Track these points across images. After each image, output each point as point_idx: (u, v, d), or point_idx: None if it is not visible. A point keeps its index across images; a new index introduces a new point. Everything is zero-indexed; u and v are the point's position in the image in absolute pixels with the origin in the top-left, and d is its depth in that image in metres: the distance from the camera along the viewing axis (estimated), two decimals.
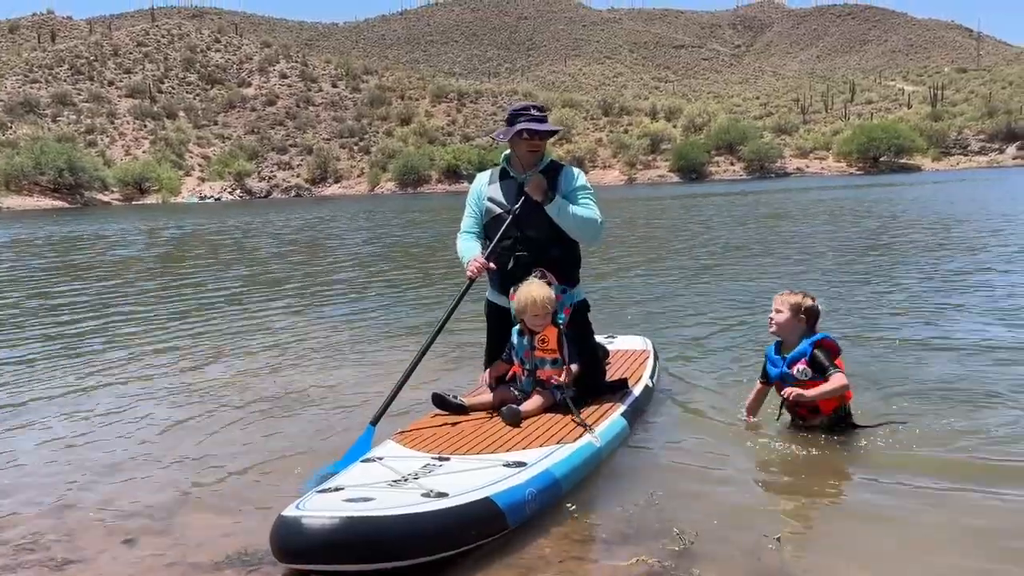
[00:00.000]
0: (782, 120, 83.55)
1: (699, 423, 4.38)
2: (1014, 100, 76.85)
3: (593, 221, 4.08)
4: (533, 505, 3.05)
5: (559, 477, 3.26)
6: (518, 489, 3.02)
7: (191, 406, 4.91)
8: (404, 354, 5.96)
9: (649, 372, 4.79)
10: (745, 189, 41.42)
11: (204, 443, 4.21)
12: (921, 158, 66.55)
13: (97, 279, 12.21)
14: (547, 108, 4.50)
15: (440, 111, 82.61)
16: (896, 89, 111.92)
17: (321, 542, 2.62)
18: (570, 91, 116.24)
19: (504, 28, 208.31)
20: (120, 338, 7.14)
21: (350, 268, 12.71)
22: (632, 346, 5.39)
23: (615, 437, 3.86)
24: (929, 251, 11.63)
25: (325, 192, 66.87)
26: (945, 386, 4.76)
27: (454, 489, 2.92)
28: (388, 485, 3.02)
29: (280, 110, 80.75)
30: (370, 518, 2.69)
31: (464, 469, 3.19)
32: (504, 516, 2.92)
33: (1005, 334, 6.03)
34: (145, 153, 67.92)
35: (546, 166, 4.20)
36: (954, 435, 3.93)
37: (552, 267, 4.03)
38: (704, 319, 7.15)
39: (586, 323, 4.28)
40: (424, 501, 2.82)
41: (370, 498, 2.84)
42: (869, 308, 7.29)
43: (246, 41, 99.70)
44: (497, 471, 3.14)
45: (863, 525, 3.07)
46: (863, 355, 5.44)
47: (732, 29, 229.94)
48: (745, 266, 10.88)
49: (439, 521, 2.74)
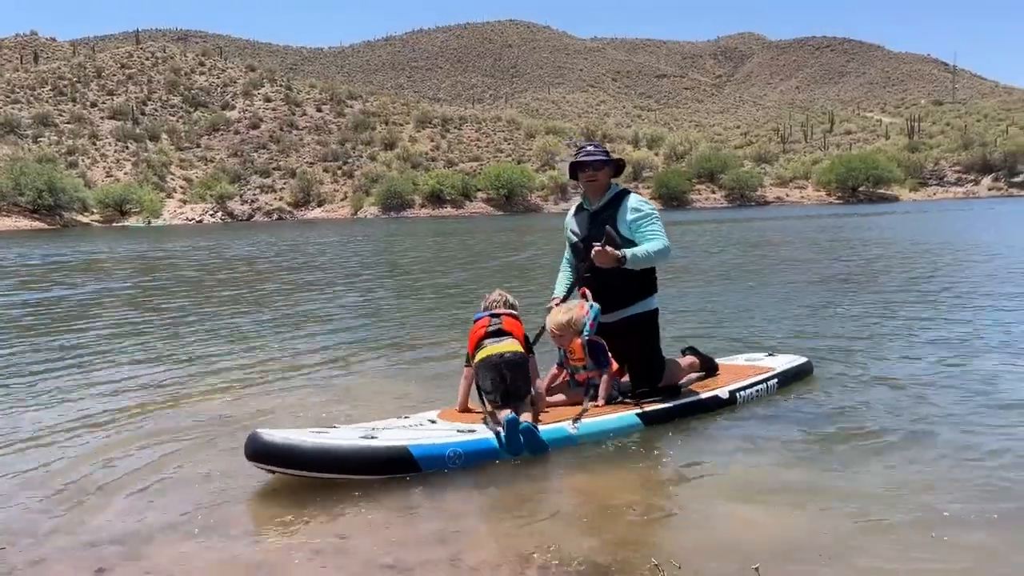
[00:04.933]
0: (762, 149, 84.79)
1: (726, 439, 4.45)
2: (989, 133, 78.47)
3: (661, 252, 4.57)
4: (456, 461, 3.91)
5: (496, 448, 4.05)
6: (441, 447, 3.93)
7: (159, 431, 4.81)
8: (367, 379, 5.94)
9: (739, 387, 5.03)
10: (735, 216, 41.82)
11: (174, 467, 4.15)
12: (899, 188, 67.60)
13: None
14: (602, 145, 4.97)
15: (424, 136, 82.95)
16: (874, 120, 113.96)
17: (266, 452, 3.70)
18: (554, 118, 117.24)
19: (489, 55, 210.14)
20: (86, 361, 7.04)
21: (332, 290, 12.67)
22: (763, 363, 5.58)
23: (607, 430, 4.39)
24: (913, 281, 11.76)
25: (308, 216, 66.76)
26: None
27: (387, 436, 3.91)
28: (364, 429, 4.01)
29: (264, 133, 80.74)
30: (297, 441, 3.73)
31: (430, 428, 4.16)
32: (417, 463, 3.83)
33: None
34: (127, 175, 67.60)
35: (612, 197, 4.74)
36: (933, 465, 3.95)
37: (611, 290, 4.65)
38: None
39: (645, 333, 4.77)
40: (354, 440, 3.82)
41: (327, 432, 3.92)
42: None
43: (231, 64, 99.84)
44: (445, 433, 4.07)
45: (849, 548, 3.07)
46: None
47: (713, 59, 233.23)
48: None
49: (353, 453, 3.76)
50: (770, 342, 7.01)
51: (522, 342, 4.45)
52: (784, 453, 4.18)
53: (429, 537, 3.26)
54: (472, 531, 3.37)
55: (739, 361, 5.77)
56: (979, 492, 3.56)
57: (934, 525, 3.23)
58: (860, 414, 4.81)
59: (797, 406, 5.05)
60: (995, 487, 3.61)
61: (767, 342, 7.01)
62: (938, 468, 3.88)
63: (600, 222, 4.65)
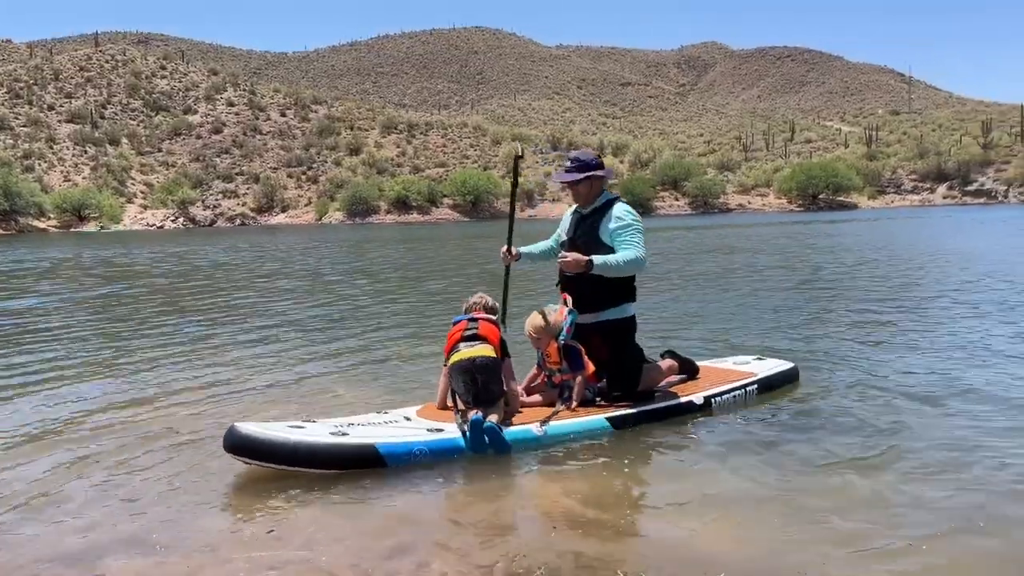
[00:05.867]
0: (725, 157, 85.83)
1: (693, 447, 4.46)
2: (943, 142, 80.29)
3: (632, 262, 4.66)
4: (421, 457, 4.06)
5: (463, 446, 4.18)
6: (408, 444, 4.08)
7: (105, 442, 4.70)
8: (346, 379, 5.89)
9: (715, 393, 5.05)
10: (701, 223, 42.24)
11: (125, 482, 4.06)
12: (858, 196, 68.85)
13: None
14: (592, 155, 5.03)
15: (390, 142, 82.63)
16: (833, 129, 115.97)
17: (241, 444, 3.90)
18: (520, 125, 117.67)
19: (454, 61, 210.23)
20: (44, 370, 6.89)
21: (291, 297, 12.54)
22: (749, 367, 5.58)
23: (575, 433, 4.47)
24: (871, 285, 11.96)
25: (272, 221, 66.09)
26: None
27: (357, 433, 4.08)
28: (338, 426, 4.17)
29: (227, 138, 79.81)
30: (272, 435, 3.92)
31: (402, 425, 4.30)
32: (383, 459, 3.99)
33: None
34: (85, 179, 66.34)
35: (602, 204, 4.90)
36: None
37: (583, 291, 4.77)
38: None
39: (619, 338, 4.85)
40: (325, 436, 3.99)
41: (302, 427, 4.09)
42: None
43: (193, 68, 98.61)
44: (414, 431, 4.22)
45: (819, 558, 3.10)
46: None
47: (677, 68, 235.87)
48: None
49: (323, 449, 3.92)
50: (762, 346, 7.05)
51: (497, 346, 4.56)
52: (754, 464, 4.14)
53: (393, 549, 3.23)
54: (436, 542, 3.34)
55: (727, 364, 5.77)
56: (950, 505, 3.54)
57: (904, 537, 3.23)
58: (836, 424, 4.78)
59: (774, 414, 5.03)
60: (967, 501, 3.59)
61: (758, 345, 7.05)
62: (911, 481, 3.83)
63: (586, 226, 4.87)
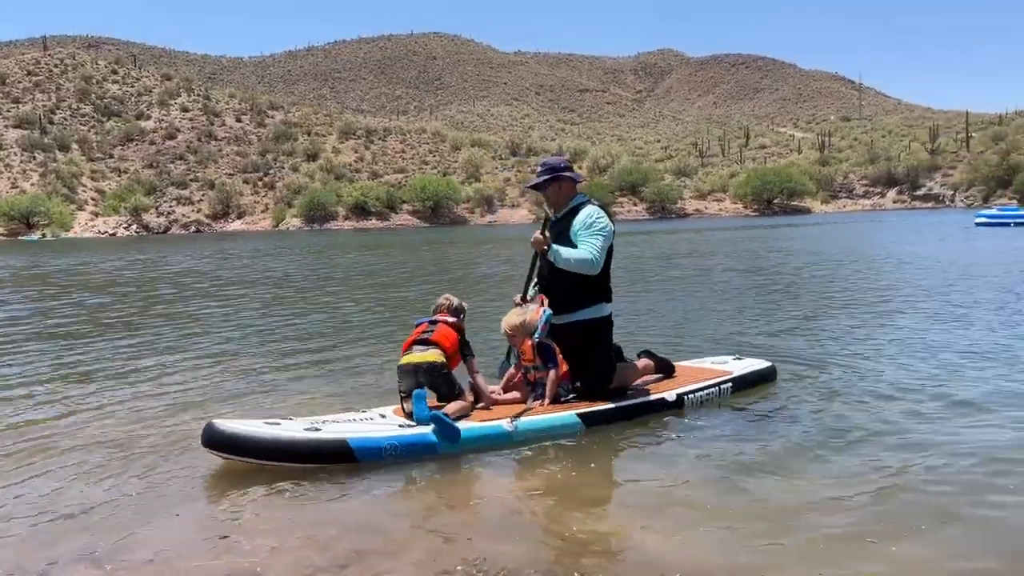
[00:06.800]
0: (682, 163, 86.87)
1: (661, 445, 4.51)
2: (893, 148, 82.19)
3: (584, 261, 4.80)
4: (392, 453, 4.14)
5: (435, 442, 4.24)
6: (378, 440, 4.15)
7: (56, 457, 4.61)
8: (319, 382, 5.83)
9: (688, 390, 5.13)
10: (661, 228, 42.63)
11: (76, 495, 3.95)
12: (811, 201, 70.17)
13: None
14: (560, 159, 5.25)
15: (348, 147, 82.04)
16: (787, 135, 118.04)
17: (217, 440, 4.02)
18: (479, 131, 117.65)
19: (413, 67, 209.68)
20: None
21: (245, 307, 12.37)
22: (727, 366, 5.65)
23: (545, 428, 4.54)
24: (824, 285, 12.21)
25: (228, 228, 65.16)
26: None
27: (330, 429, 4.17)
28: (313, 422, 4.29)
29: (180, 144, 78.51)
30: (247, 431, 4.02)
31: (377, 422, 4.43)
32: (353, 453, 4.06)
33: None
34: (34, 186, 64.76)
35: (572, 208, 5.03)
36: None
37: (558, 291, 4.93)
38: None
39: (592, 338, 4.95)
40: (299, 431, 4.09)
41: (279, 423, 4.21)
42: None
43: (145, 73, 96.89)
44: (387, 427, 4.32)
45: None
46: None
47: (634, 75, 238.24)
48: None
49: (296, 444, 4.02)
50: (743, 344, 7.16)
51: (450, 350, 4.69)
52: (718, 463, 4.15)
53: (352, 553, 3.20)
54: (397, 543, 3.32)
55: (705, 363, 5.85)
56: (909, 505, 3.56)
57: (862, 538, 3.24)
58: (805, 424, 4.80)
59: (745, 413, 5.09)
60: (927, 500, 3.61)
61: (739, 345, 7.16)
62: (869, 481, 3.84)
63: (558, 230, 4.99)
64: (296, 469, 4.01)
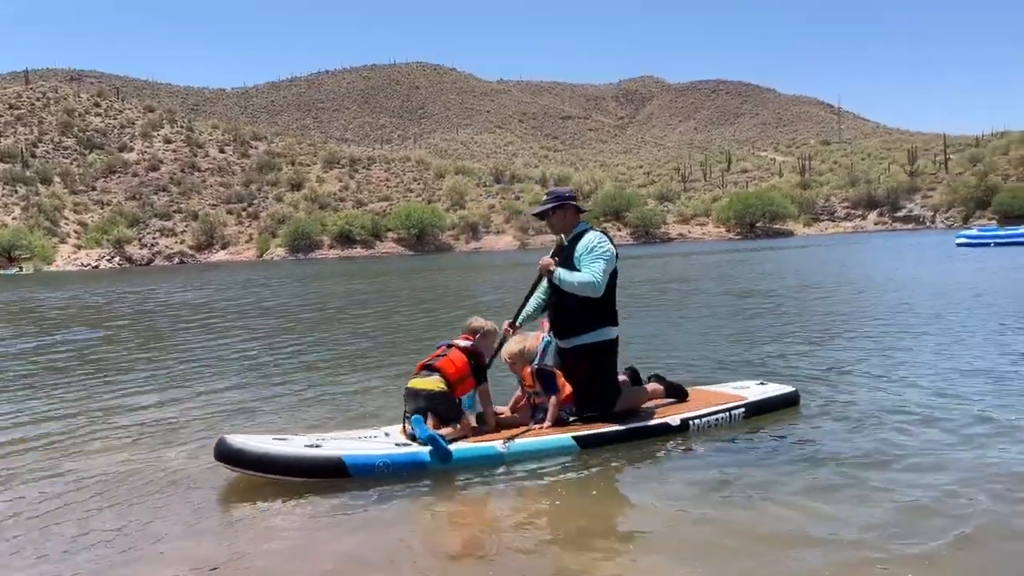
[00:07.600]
0: (664, 188, 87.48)
1: (655, 470, 4.49)
2: (873, 170, 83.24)
3: (586, 283, 4.89)
4: (384, 470, 4.35)
5: (426, 460, 4.44)
6: (371, 457, 4.38)
7: (37, 487, 4.50)
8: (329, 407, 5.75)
9: (693, 415, 5.09)
10: (647, 252, 42.78)
11: (61, 531, 3.89)
12: (793, 224, 70.85)
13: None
14: (567, 189, 5.41)
15: (332, 177, 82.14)
16: (768, 159, 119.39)
17: (227, 454, 4.30)
18: (463, 159, 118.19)
19: (396, 96, 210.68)
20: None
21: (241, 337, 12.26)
22: (742, 392, 5.59)
23: (540, 450, 4.62)
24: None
25: (212, 258, 64.88)
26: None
27: (329, 446, 4.42)
28: (316, 438, 4.56)
29: (164, 175, 78.37)
30: (253, 446, 4.29)
31: (377, 440, 4.64)
32: (347, 469, 4.30)
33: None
34: (15, 220, 64.32)
35: (577, 234, 5.14)
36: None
37: (565, 318, 5.05)
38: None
39: (596, 361, 5.01)
40: (299, 449, 4.35)
41: (286, 439, 4.50)
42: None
43: (128, 105, 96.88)
44: (383, 446, 4.54)
45: None
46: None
47: (616, 102, 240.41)
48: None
49: (294, 460, 4.28)
50: (759, 368, 7.08)
51: (454, 376, 4.77)
52: (712, 488, 4.07)
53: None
54: (382, 569, 3.31)
55: (726, 389, 5.77)
56: (920, 534, 3.45)
57: (859, 568, 3.18)
58: (817, 451, 4.64)
59: (753, 439, 4.97)
60: (945, 527, 3.51)
61: (758, 368, 7.08)
62: (871, 511, 3.73)
63: (565, 256, 5.10)
64: (298, 485, 4.22)
